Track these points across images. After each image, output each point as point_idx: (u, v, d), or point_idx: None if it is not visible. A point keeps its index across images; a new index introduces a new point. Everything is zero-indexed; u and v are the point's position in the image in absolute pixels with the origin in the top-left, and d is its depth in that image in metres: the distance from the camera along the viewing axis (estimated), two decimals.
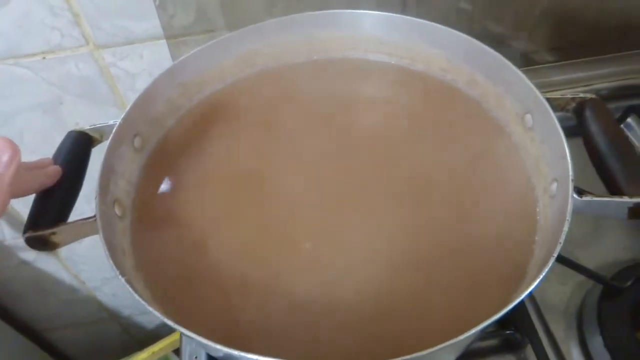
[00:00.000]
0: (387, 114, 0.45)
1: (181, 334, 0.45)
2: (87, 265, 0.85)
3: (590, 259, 0.45)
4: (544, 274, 0.28)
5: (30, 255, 0.81)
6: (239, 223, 0.38)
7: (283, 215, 0.38)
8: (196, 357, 0.42)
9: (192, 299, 0.35)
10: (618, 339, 0.39)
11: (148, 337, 1.05)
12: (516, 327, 0.41)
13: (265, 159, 0.42)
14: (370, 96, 0.47)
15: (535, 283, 0.28)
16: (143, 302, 0.29)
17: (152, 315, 0.30)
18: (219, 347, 0.27)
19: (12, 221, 0.75)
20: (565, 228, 0.29)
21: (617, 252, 0.46)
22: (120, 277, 0.30)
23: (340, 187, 0.40)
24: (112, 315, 0.99)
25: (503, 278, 0.33)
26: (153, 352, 0.65)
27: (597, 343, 0.40)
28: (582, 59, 0.58)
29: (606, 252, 0.46)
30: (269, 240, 0.37)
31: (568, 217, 0.30)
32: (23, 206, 0.72)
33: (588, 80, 0.57)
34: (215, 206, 0.39)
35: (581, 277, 0.44)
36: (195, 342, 0.29)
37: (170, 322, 0.29)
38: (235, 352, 0.26)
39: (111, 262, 0.31)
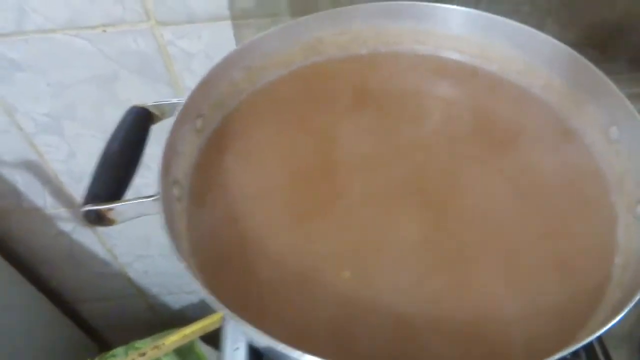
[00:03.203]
0: (454, 116, 0.43)
1: (224, 321, 0.44)
2: (121, 240, 0.86)
3: None
4: (633, 302, 0.26)
5: (68, 225, 0.82)
6: (293, 215, 0.37)
7: (342, 212, 0.37)
8: (237, 348, 0.42)
9: (243, 288, 0.33)
10: None
11: (173, 317, 1.06)
12: (576, 353, 0.39)
13: (324, 152, 0.40)
14: (436, 94, 0.45)
15: (623, 312, 0.26)
16: (203, 290, 0.28)
17: (179, 295, 0.29)
18: (280, 345, 0.26)
19: (55, 191, 0.75)
20: None
21: None
22: (181, 262, 0.29)
23: (400, 188, 0.38)
24: (141, 292, 0.99)
25: (576, 300, 0.31)
26: (184, 335, 0.65)
27: None
28: None
29: None
30: (327, 232, 0.36)
31: None
32: (67, 177, 0.72)
33: None
34: (269, 195, 0.38)
35: None
36: (242, 331, 0.28)
37: (229, 312, 0.28)
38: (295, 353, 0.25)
39: (172, 245, 0.30)
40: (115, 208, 0.33)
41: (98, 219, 0.34)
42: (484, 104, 0.42)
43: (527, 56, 0.41)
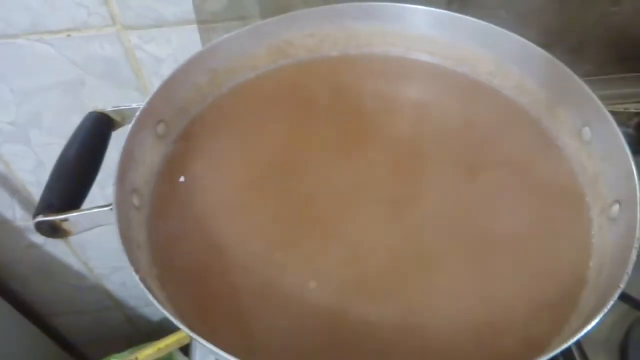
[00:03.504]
0: (423, 118, 0.42)
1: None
2: (96, 252, 0.84)
3: (635, 287, 0.42)
4: (608, 306, 0.25)
5: (40, 238, 0.79)
6: (263, 222, 0.35)
7: (310, 214, 0.35)
8: None
9: (207, 301, 0.32)
10: None
11: (152, 329, 1.03)
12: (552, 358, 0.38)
13: (292, 155, 0.39)
14: (406, 97, 0.44)
15: (599, 316, 0.25)
16: (157, 304, 0.27)
17: (157, 307, 0.27)
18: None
19: (24, 202, 0.73)
20: (633, 256, 0.26)
21: None
22: (135, 274, 0.27)
23: (368, 193, 0.37)
24: (118, 305, 0.97)
25: (551, 305, 0.30)
26: (159, 348, 0.63)
27: None
28: (628, 74, 0.55)
29: None
30: (293, 241, 0.34)
31: (636, 244, 0.27)
32: (36, 187, 0.70)
33: (633, 97, 0.53)
34: (239, 202, 0.37)
35: (623, 308, 0.41)
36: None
37: (184, 328, 0.26)
38: None
39: (126, 256, 0.28)
40: (69, 218, 0.32)
41: (52, 230, 0.32)
42: (455, 106, 0.42)
43: (498, 57, 0.41)
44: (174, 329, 0.71)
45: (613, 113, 0.34)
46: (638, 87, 0.52)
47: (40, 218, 0.31)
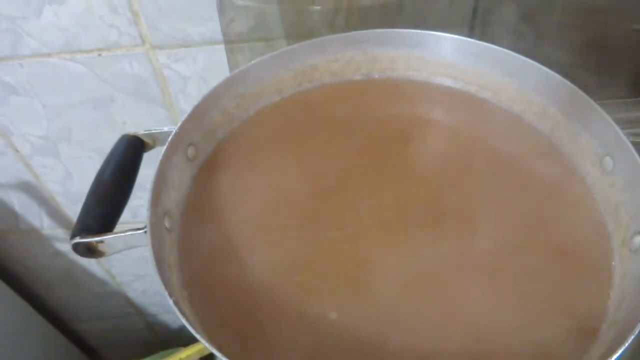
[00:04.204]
0: (447, 143, 0.42)
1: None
2: (119, 260, 0.86)
3: None
4: (629, 340, 0.25)
5: (66, 246, 0.82)
6: (290, 245, 0.36)
7: (337, 240, 0.36)
8: None
9: (236, 323, 0.33)
10: None
11: (172, 336, 1.05)
12: None
13: (318, 180, 0.40)
14: (430, 121, 0.44)
15: (619, 351, 0.25)
16: (192, 330, 0.28)
17: (176, 315, 0.28)
18: None
19: (51, 212, 0.75)
20: None
21: None
22: (169, 298, 0.29)
23: (393, 213, 0.38)
24: (139, 312, 0.99)
25: (570, 335, 0.31)
26: (180, 359, 0.64)
27: None
28: None
29: None
30: (322, 266, 0.35)
31: None
32: (63, 198, 0.72)
33: None
34: (264, 223, 0.38)
35: None
36: None
37: (215, 352, 0.27)
38: None
39: (160, 278, 0.30)
40: (105, 240, 0.33)
41: (88, 251, 0.34)
42: (477, 131, 0.42)
43: (520, 84, 0.41)
44: (193, 337, 0.72)
45: (636, 144, 0.34)
46: None
47: (78, 240, 0.33)
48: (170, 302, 0.29)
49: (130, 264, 0.86)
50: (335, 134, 0.43)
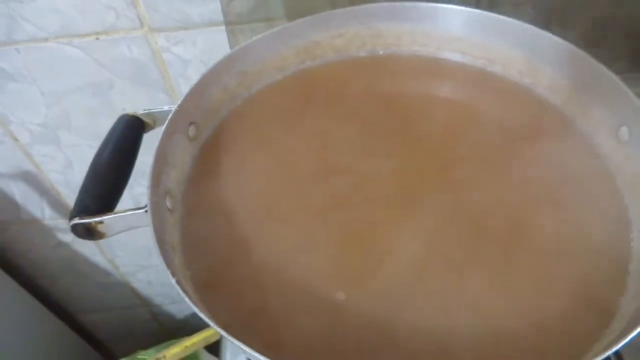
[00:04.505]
0: (455, 118, 0.41)
1: (222, 337, 0.43)
2: (123, 250, 0.85)
3: None
4: None
5: (68, 236, 0.81)
6: (295, 224, 0.35)
7: (344, 218, 0.35)
8: None
9: (241, 303, 0.32)
10: None
11: (177, 326, 1.05)
12: None
13: (320, 156, 0.39)
14: (437, 97, 0.43)
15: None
16: (193, 306, 0.27)
17: (183, 304, 0.27)
18: None
19: (53, 201, 0.75)
20: None
21: None
22: (171, 277, 0.28)
23: (401, 190, 0.36)
24: (144, 302, 0.98)
25: (590, 310, 0.30)
26: (186, 346, 0.63)
27: None
28: None
29: None
30: (329, 245, 0.34)
31: None
32: (64, 187, 0.71)
33: None
34: (268, 203, 0.37)
35: None
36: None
37: (221, 331, 0.26)
38: None
39: (162, 258, 0.29)
40: (104, 221, 0.32)
41: (87, 233, 0.33)
42: (487, 106, 0.41)
43: (531, 56, 0.40)
44: (199, 327, 0.71)
45: None
46: None
47: (77, 221, 0.32)
48: (173, 281, 0.28)
49: (134, 254, 0.85)
50: (339, 112, 0.42)
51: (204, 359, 0.81)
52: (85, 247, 0.83)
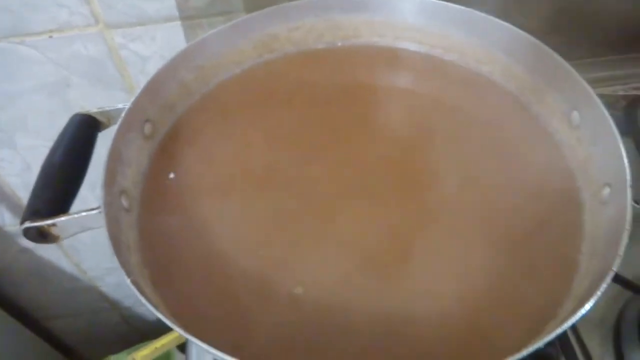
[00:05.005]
0: (413, 107, 0.42)
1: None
2: (89, 254, 0.83)
3: (627, 268, 0.42)
4: (601, 290, 0.25)
5: (31, 242, 0.79)
6: (253, 218, 0.35)
7: (301, 210, 0.35)
8: None
9: (201, 301, 0.32)
10: None
11: (149, 328, 1.03)
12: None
13: (281, 150, 0.39)
14: (396, 87, 0.43)
15: (592, 300, 0.25)
16: (150, 307, 0.26)
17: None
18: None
19: (13, 207, 0.72)
20: (625, 238, 0.26)
21: None
22: (126, 277, 0.27)
23: (358, 180, 0.37)
24: (114, 305, 0.96)
25: (545, 289, 0.30)
26: (156, 348, 0.63)
27: (637, 359, 0.37)
28: (619, 56, 0.55)
29: None
30: (286, 238, 0.34)
31: (628, 226, 0.27)
32: (25, 191, 0.69)
33: (625, 78, 0.53)
34: (228, 199, 0.36)
35: (616, 290, 0.41)
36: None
37: (180, 330, 0.26)
38: None
39: (117, 259, 0.28)
40: (57, 223, 0.31)
41: (40, 236, 0.32)
42: (444, 94, 0.41)
43: (486, 44, 0.40)
44: (170, 328, 0.71)
45: (601, 96, 0.34)
46: (627, 69, 0.52)
47: (28, 224, 0.31)
48: (128, 281, 0.27)
49: (100, 257, 0.84)
50: (298, 105, 0.42)
51: (177, 358, 0.81)
52: (50, 252, 0.81)
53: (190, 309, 0.30)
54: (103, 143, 0.37)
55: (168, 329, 0.66)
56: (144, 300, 0.26)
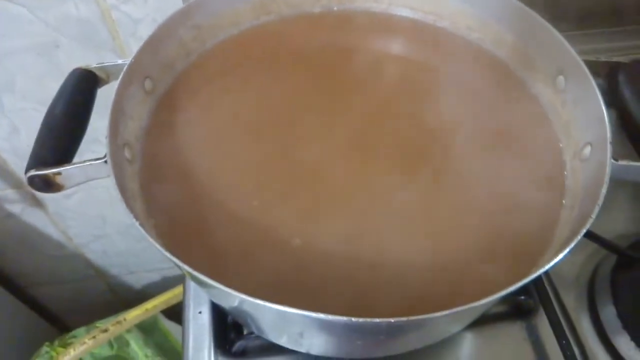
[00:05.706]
0: (405, 72, 0.43)
1: (185, 288, 0.44)
2: (76, 220, 0.83)
3: (602, 230, 0.44)
4: (582, 233, 0.27)
5: (17, 207, 0.78)
6: (247, 174, 0.37)
7: (291, 165, 0.37)
8: (200, 312, 0.41)
9: (203, 249, 0.33)
10: (632, 308, 0.39)
11: (134, 297, 1.04)
12: (528, 293, 0.40)
13: (276, 110, 0.40)
14: (389, 52, 0.45)
15: (573, 243, 0.27)
16: (158, 247, 0.27)
17: (140, 274, 0.28)
18: (242, 296, 0.25)
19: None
20: (604, 190, 0.29)
21: (628, 222, 0.46)
22: (134, 220, 0.28)
23: (350, 136, 0.38)
24: (100, 273, 0.97)
25: (528, 240, 0.33)
26: (146, 309, 0.64)
27: (609, 313, 0.39)
28: (602, 29, 0.57)
29: (618, 222, 0.46)
30: (280, 188, 0.36)
31: (606, 179, 0.29)
32: (11, 155, 0.69)
33: (608, 51, 0.55)
34: (223, 155, 0.37)
35: (591, 248, 0.44)
36: (206, 291, 0.27)
37: (190, 270, 0.27)
38: (257, 301, 0.25)
39: (125, 204, 0.29)
40: (62, 172, 0.32)
41: (45, 185, 0.32)
42: (436, 61, 0.43)
43: (477, 11, 0.42)
44: (157, 295, 0.71)
45: (585, 62, 0.36)
46: (611, 42, 0.54)
47: (33, 172, 0.32)
48: (137, 224, 0.28)
49: (88, 224, 0.84)
50: (294, 67, 0.43)
51: (164, 324, 0.82)
52: (36, 218, 0.81)
53: (193, 256, 0.32)
54: (102, 103, 0.37)
55: (153, 296, 0.66)
56: (154, 243, 0.27)
